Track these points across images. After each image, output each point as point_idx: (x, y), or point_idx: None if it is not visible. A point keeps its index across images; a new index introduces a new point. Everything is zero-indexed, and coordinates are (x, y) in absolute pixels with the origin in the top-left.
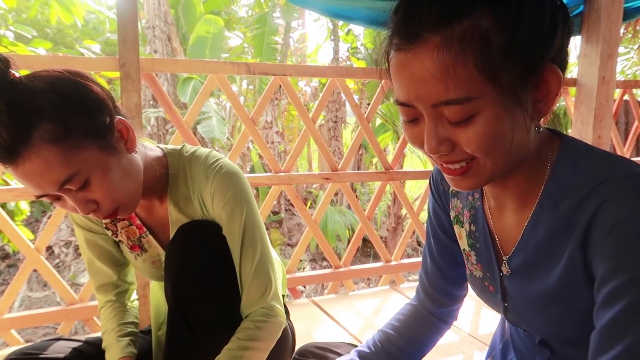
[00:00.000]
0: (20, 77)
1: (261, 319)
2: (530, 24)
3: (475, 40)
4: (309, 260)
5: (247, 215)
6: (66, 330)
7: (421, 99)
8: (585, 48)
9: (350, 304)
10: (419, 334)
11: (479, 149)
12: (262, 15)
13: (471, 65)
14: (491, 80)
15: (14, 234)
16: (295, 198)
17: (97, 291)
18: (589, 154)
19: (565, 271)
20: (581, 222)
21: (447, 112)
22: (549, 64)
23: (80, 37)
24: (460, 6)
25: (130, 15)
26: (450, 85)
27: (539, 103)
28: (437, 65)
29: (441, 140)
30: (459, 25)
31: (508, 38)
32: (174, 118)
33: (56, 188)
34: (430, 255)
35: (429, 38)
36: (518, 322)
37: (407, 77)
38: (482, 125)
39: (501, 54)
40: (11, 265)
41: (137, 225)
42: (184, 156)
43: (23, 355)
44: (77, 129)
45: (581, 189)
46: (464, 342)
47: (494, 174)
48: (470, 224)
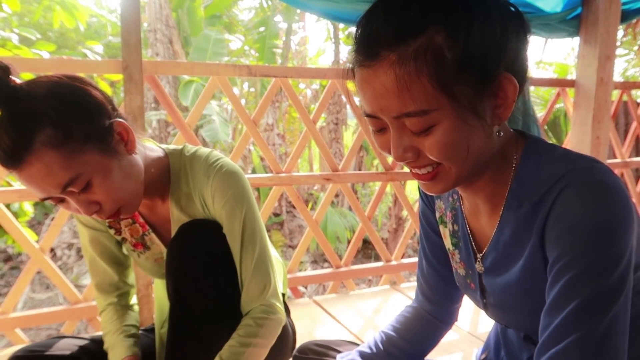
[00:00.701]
0: (20, 84)
1: (261, 316)
2: (480, 37)
3: (428, 56)
4: (310, 262)
5: (246, 213)
6: (70, 330)
7: (384, 112)
8: (583, 50)
9: (351, 304)
10: (419, 335)
11: (441, 156)
12: (263, 19)
13: (426, 79)
14: (446, 93)
15: (19, 235)
16: (296, 198)
17: (97, 291)
18: (551, 154)
19: (527, 267)
20: (539, 218)
21: (408, 123)
22: (503, 72)
23: (82, 40)
24: (413, 24)
25: (133, 18)
26: (407, 99)
27: (498, 109)
28: (394, 81)
29: (406, 148)
30: (413, 42)
31: (460, 53)
32: (176, 120)
33: (59, 191)
34: (425, 257)
35: (385, 55)
36: (496, 317)
37: (369, 92)
38: (441, 135)
39: (454, 68)
40: (13, 268)
41: (140, 223)
42: (185, 156)
43: (29, 353)
44: (77, 133)
45: (541, 187)
46: (464, 341)
47: (460, 177)
48: (453, 224)
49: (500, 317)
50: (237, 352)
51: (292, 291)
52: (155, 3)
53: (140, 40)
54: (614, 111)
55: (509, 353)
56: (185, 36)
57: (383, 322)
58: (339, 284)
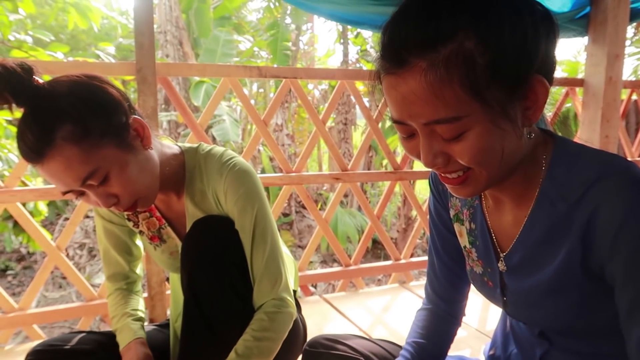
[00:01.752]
0: (42, 83)
1: (273, 310)
2: (512, 41)
3: (460, 62)
4: (319, 262)
5: (258, 210)
6: (85, 327)
7: (413, 118)
8: (591, 49)
9: (360, 301)
10: (442, 336)
11: (473, 161)
12: (274, 21)
13: (457, 86)
14: (478, 99)
15: (37, 233)
16: (306, 197)
17: (108, 280)
18: (582, 154)
19: (562, 267)
20: (579, 221)
21: (439, 130)
22: (534, 75)
23: (93, 41)
24: (443, 30)
25: (147, 22)
26: (438, 106)
27: (528, 111)
28: (424, 88)
29: (436, 154)
30: (444, 48)
31: (491, 57)
32: (188, 120)
33: (79, 184)
34: (436, 253)
35: (415, 62)
36: (517, 315)
37: (398, 99)
38: (474, 140)
39: (486, 74)
40: (27, 267)
41: (156, 217)
42: (200, 154)
43: (48, 347)
44: (95, 129)
45: (576, 189)
46: (472, 337)
47: (491, 181)
48: (470, 222)
49: (521, 315)
50: (251, 346)
51: (302, 289)
52: (165, 5)
53: (153, 43)
54: (623, 110)
55: (520, 348)
56: (194, 37)
57: (392, 319)
58: (348, 282)
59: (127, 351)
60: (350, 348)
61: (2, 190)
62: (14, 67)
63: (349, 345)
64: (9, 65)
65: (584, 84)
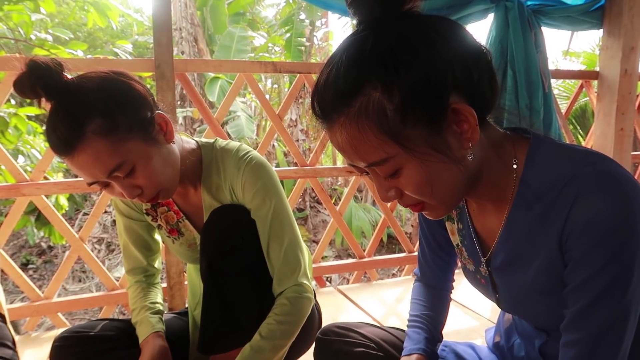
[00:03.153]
0: (72, 79)
1: (294, 295)
2: (414, 80)
3: (370, 112)
4: (334, 257)
5: (276, 202)
6: (107, 316)
7: (354, 162)
8: (606, 41)
9: (374, 292)
10: (442, 304)
11: (417, 194)
12: (288, 17)
13: (374, 133)
14: (396, 142)
15: (61, 224)
16: (320, 191)
17: (128, 273)
18: (556, 152)
19: (544, 268)
20: (556, 223)
21: (378, 170)
22: (451, 105)
23: (110, 39)
24: (350, 85)
25: (165, 19)
26: (364, 152)
27: (464, 134)
28: (348, 139)
29: (387, 189)
30: (355, 101)
31: (399, 101)
32: (205, 115)
33: (106, 175)
34: (427, 243)
35: (336, 118)
36: (510, 311)
37: (336, 148)
38: (408, 177)
39: (398, 117)
40: (47, 261)
41: (174, 210)
42: (216, 148)
43: (74, 333)
44: (123, 123)
45: (551, 189)
46: (483, 327)
47: (447, 206)
48: (458, 222)
49: (513, 311)
50: (274, 329)
51: (317, 280)
52: (181, 2)
53: (171, 40)
54: (639, 103)
55: (522, 339)
56: (209, 34)
57: (405, 309)
58: (362, 274)
59: (146, 344)
60: (362, 335)
61: (28, 183)
62: (46, 62)
63: (361, 333)
64: (41, 61)
65: (599, 77)
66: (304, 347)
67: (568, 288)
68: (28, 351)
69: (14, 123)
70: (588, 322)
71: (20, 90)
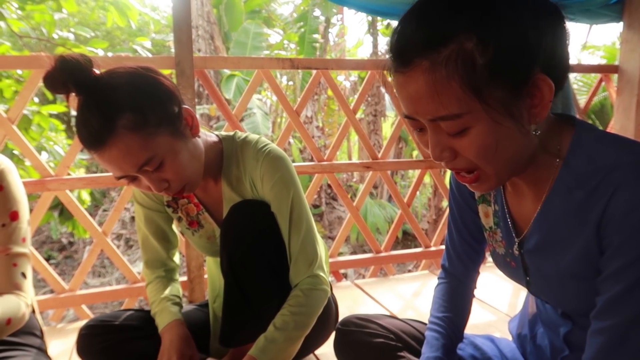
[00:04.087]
0: (101, 74)
1: (309, 287)
2: (512, 41)
3: (459, 63)
4: (349, 253)
5: (294, 194)
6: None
7: (420, 115)
8: (626, 35)
9: (391, 287)
10: (463, 306)
11: (477, 157)
12: (302, 14)
13: (457, 85)
14: (478, 98)
15: (84, 219)
16: (337, 186)
17: (147, 266)
18: (601, 141)
19: (581, 253)
20: (596, 210)
21: (444, 125)
22: (538, 74)
23: (128, 37)
24: (444, 31)
25: (185, 17)
26: (440, 104)
27: (534, 109)
28: (427, 88)
29: (443, 148)
30: (445, 49)
31: (491, 58)
32: (224, 111)
33: (135, 170)
34: (457, 229)
35: (418, 62)
36: (539, 294)
37: (405, 96)
38: (476, 137)
39: (486, 73)
40: (67, 257)
41: (195, 203)
42: (236, 142)
43: (100, 322)
44: (152, 118)
45: (593, 176)
46: (501, 322)
47: (501, 178)
48: (494, 204)
49: (543, 294)
50: (288, 320)
51: (334, 275)
52: (197, 0)
53: (191, 38)
54: None
55: (546, 327)
56: (225, 32)
57: (422, 303)
58: (379, 269)
59: (168, 331)
60: (381, 327)
61: (53, 179)
62: (76, 58)
63: (380, 324)
64: (72, 57)
65: (619, 71)
66: (321, 339)
67: (603, 275)
68: (54, 341)
69: (37, 121)
70: (622, 310)
71: (51, 86)
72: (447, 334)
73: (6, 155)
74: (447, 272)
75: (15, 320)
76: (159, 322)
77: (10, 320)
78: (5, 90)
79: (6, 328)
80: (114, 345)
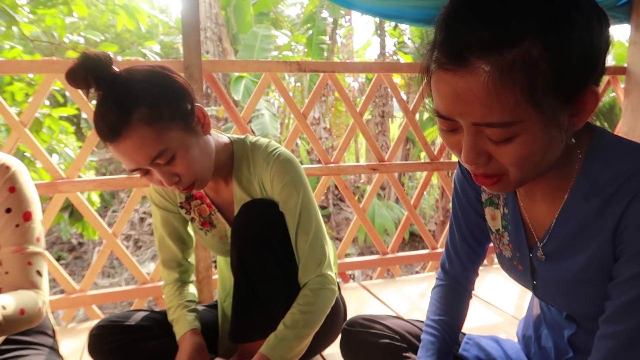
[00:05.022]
0: (120, 71)
1: (317, 287)
2: (578, 51)
3: (523, 69)
4: (357, 254)
5: (303, 196)
6: (139, 307)
7: (464, 116)
8: (634, 36)
9: (397, 288)
10: (460, 309)
11: (514, 164)
12: (310, 15)
13: (517, 92)
14: (535, 106)
15: (95, 220)
16: (344, 188)
17: (164, 266)
18: (618, 147)
19: (594, 259)
20: (613, 216)
21: (489, 132)
22: (591, 86)
23: (137, 40)
24: (511, 34)
25: (193, 22)
26: (494, 110)
27: (575, 117)
28: (484, 91)
29: (479, 152)
30: (509, 52)
31: (555, 66)
32: (232, 114)
33: (148, 162)
34: (460, 232)
35: (477, 64)
36: (546, 298)
37: (451, 96)
38: (521, 146)
39: (548, 82)
40: (77, 257)
41: (207, 204)
42: (247, 144)
43: (111, 322)
44: (166, 113)
45: (610, 183)
46: (508, 324)
47: (524, 182)
48: (504, 207)
49: (549, 298)
50: (298, 318)
51: (341, 276)
52: (205, 2)
53: (199, 42)
54: None
55: (550, 329)
56: (233, 34)
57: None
58: (386, 271)
59: (183, 341)
60: (387, 327)
61: (64, 181)
62: (97, 55)
63: (385, 325)
64: (93, 54)
65: (626, 72)
66: (330, 339)
67: (616, 280)
68: (65, 341)
69: (48, 123)
70: (632, 316)
71: (73, 80)
72: (443, 337)
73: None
74: (445, 272)
75: (29, 312)
76: (176, 331)
77: (23, 311)
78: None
79: (20, 318)
80: (125, 345)
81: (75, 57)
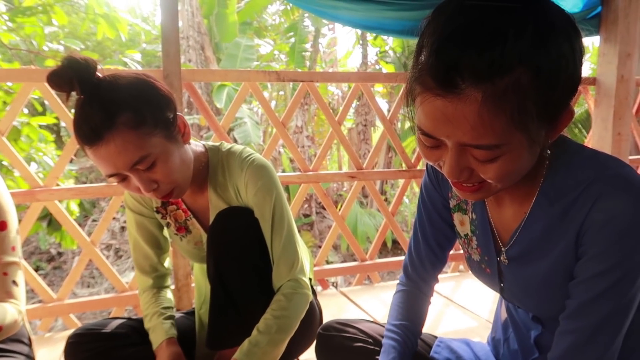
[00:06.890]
0: (105, 76)
1: (290, 291)
2: (565, 77)
3: (513, 97)
4: (340, 262)
5: (276, 200)
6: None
7: (451, 138)
8: (603, 48)
9: (375, 294)
10: (420, 314)
11: (496, 179)
12: (292, 24)
13: (507, 118)
14: (523, 131)
15: (73, 229)
16: (323, 195)
17: (139, 271)
18: (580, 155)
19: (559, 261)
20: (576, 220)
21: (475, 152)
22: (569, 107)
23: (119, 48)
24: (504, 64)
25: (173, 32)
26: (483, 134)
27: (551, 132)
28: (474, 116)
29: (463, 169)
30: (500, 81)
31: (542, 95)
32: (212, 123)
33: (128, 167)
34: (424, 237)
35: (468, 91)
36: (512, 300)
37: (439, 118)
38: (505, 164)
39: (535, 109)
40: (56, 267)
41: (183, 209)
42: (222, 151)
43: (87, 330)
44: (150, 119)
45: (573, 188)
46: (482, 328)
47: (502, 190)
48: (472, 212)
49: (516, 300)
50: (271, 324)
51: (320, 282)
52: (188, 11)
53: (179, 51)
54: (637, 108)
55: (517, 330)
56: (216, 42)
57: None
58: (364, 277)
59: (159, 350)
60: (360, 331)
61: (42, 189)
62: (84, 59)
63: (359, 329)
64: (78, 57)
65: (596, 83)
66: (306, 344)
67: (577, 279)
68: (42, 350)
69: (26, 132)
70: (591, 313)
71: (56, 83)
72: (404, 341)
73: None
74: (408, 276)
75: (5, 326)
76: (152, 340)
77: (0, 328)
78: None
79: None
80: (102, 353)
81: (60, 60)
